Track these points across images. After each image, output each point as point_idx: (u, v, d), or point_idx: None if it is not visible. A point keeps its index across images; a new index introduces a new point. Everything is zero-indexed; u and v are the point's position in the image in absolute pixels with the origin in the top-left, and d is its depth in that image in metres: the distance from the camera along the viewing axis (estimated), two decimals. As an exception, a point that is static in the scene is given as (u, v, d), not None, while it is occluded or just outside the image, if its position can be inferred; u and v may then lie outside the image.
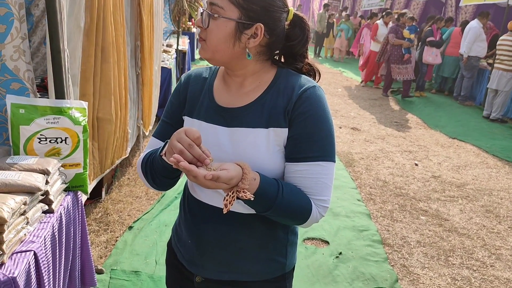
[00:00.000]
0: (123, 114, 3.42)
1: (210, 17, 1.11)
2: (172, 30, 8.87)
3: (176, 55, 7.25)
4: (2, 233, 1.42)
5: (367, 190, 4.52)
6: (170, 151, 1.02)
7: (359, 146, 6.02)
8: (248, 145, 1.14)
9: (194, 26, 11.36)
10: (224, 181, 0.95)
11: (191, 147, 0.97)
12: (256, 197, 1.02)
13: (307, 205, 1.12)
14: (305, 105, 1.13)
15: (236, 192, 0.99)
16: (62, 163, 1.98)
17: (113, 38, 3.02)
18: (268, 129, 1.14)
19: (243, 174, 1.00)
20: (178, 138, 0.99)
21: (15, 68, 1.96)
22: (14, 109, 1.90)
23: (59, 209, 1.86)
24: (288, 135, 1.14)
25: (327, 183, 1.14)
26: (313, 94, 1.15)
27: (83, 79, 2.62)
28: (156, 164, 1.15)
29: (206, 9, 1.12)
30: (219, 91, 1.24)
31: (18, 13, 1.91)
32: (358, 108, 8.53)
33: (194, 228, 1.27)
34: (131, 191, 3.89)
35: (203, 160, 0.97)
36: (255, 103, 1.18)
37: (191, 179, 0.95)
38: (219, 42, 1.12)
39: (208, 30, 1.12)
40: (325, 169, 1.14)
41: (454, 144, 6.49)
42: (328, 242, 3.37)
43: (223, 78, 1.26)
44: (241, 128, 1.16)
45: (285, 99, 1.15)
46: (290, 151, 1.15)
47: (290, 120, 1.14)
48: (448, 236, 3.64)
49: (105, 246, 3.04)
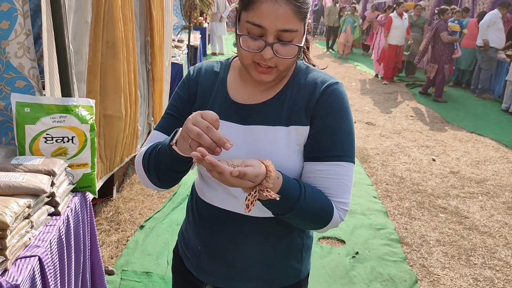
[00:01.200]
0: (133, 111, 3.36)
1: (287, 46, 1.01)
2: (183, 25, 8.81)
3: (187, 50, 7.18)
4: (5, 238, 1.35)
5: (383, 186, 4.41)
6: (185, 138, 0.90)
7: (374, 141, 5.89)
8: (266, 143, 1.06)
9: (206, 21, 11.30)
10: (250, 178, 0.86)
11: (210, 130, 0.86)
12: (279, 196, 0.93)
13: (329, 208, 1.04)
14: (328, 102, 1.06)
15: (259, 191, 0.90)
16: (69, 163, 1.91)
17: (122, 34, 2.95)
18: (289, 127, 1.07)
19: (267, 171, 0.91)
20: (194, 121, 0.88)
21: (20, 65, 1.90)
22: (19, 108, 1.84)
23: (66, 211, 1.80)
24: (309, 133, 1.07)
25: (347, 185, 1.07)
26: (337, 90, 1.08)
27: (90, 76, 2.56)
28: (163, 156, 1.02)
29: (266, 37, 0.99)
30: (234, 87, 1.15)
31: (21, 8, 1.85)
32: (373, 102, 8.38)
33: (203, 233, 1.19)
34: (142, 189, 3.84)
35: (223, 144, 0.85)
36: (274, 99, 1.10)
37: (215, 175, 0.85)
38: (292, 64, 1.06)
39: (282, 59, 1.02)
40: (346, 170, 1.06)
41: (473, 138, 6.32)
42: (344, 241, 3.28)
43: (240, 73, 1.17)
44: (258, 125, 1.08)
45: (307, 95, 1.08)
46: (311, 150, 1.07)
47: (312, 117, 1.07)
48: (468, 235, 3.52)
49: (116, 246, 2.99)
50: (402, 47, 9.93)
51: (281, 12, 0.96)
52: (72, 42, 2.30)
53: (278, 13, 0.96)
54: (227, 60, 1.24)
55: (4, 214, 1.35)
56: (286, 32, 0.98)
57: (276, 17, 0.96)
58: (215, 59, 11.61)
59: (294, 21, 0.98)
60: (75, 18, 2.29)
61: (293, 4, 0.97)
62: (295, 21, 0.98)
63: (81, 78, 2.41)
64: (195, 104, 1.18)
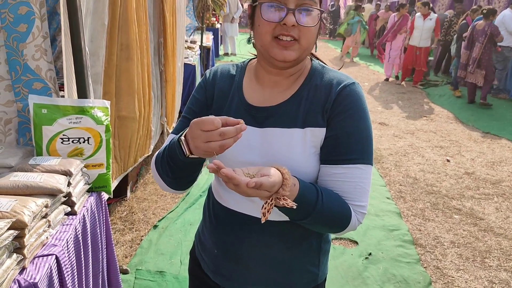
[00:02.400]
0: (146, 112, 3.39)
1: (308, 13, 1.01)
2: (196, 26, 8.84)
3: (200, 51, 7.21)
4: (23, 237, 1.38)
5: (396, 187, 4.38)
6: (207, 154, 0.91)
7: (387, 142, 5.86)
8: (282, 146, 1.06)
9: (218, 22, 11.33)
10: (266, 188, 0.86)
11: (224, 134, 0.86)
12: (296, 204, 0.93)
13: (347, 212, 1.04)
14: (345, 103, 1.05)
15: (276, 199, 0.89)
16: (85, 164, 1.94)
17: (136, 36, 2.98)
18: (305, 129, 1.06)
19: (284, 179, 0.90)
20: (204, 138, 0.88)
21: (37, 67, 1.93)
22: (36, 109, 1.87)
23: (82, 211, 1.83)
24: (325, 135, 1.06)
25: (365, 188, 1.06)
26: (354, 91, 1.06)
27: (105, 78, 2.59)
28: (177, 164, 1.02)
29: (287, 4, 1.00)
30: (250, 89, 1.15)
31: (39, 12, 1.88)
32: (386, 102, 8.32)
33: (220, 236, 1.19)
34: (156, 189, 3.87)
35: (240, 130, 0.87)
36: (290, 101, 1.09)
37: (231, 187, 0.85)
38: (313, 39, 1.05)
39: (304, 28, 1.01)
40: (364, 172, 1.05)
41: (488, 139, 6.24)
42: (357, 242, 3.27)
43: (256, 75, 1.16)
44: (274, 128, 1.07)
45: (323, 96, 1.07)
46: (328, 153, 1.06)
47: (328, 118, 1.05)
48: (483, 236, 3.47)
49: (130, 245, 3.02)
50: (423, 49, 9.36)
51: None
52: (89, 45, 2.34)
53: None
54: (243, 62, 1.24)
55: (23, 214, 1.38)
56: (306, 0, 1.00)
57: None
58: (227, 59, 11.65)
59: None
60: (93, 21, 2.32)
61: None
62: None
63: (98, 80, 2.44)
64: (212, 107, 1.18)
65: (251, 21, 1.09)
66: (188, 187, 1.18)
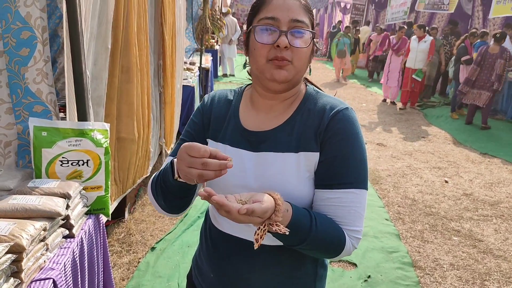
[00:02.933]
0: (145, 133, 3.41)
1: (300, 35, 1.05)
2: (195, 48, 8.96)
3: (199, 72, 7.29)
4: (21, 261, 1.38)
5: (395, 209, 4.37)
6: (188, 178, 0.92)
7: (385, 163, 5.87)
8: (276, 170, 1.07)
9: (218, 43, 11.46)
10: (258, 215, 0.87)
11: (207, 165, 0.87)
12: (289, 230, 0.94)
13: (341, 237, 1.04)
14: (338, 127, 1.06)
15: (269, 225, 0.90)
16: (84, 186, 1.95)
17: (137, 59, 3.02)
18: (299, 153, 1.07)
19: (276, 205, 0.91)
20: (187, 163, 0.89)
21: (38, 90, 1.95)
22: (36, 132, 1.89)
23: (80, 234, 1.82)
24: (319, 159, 1.07)
25: (360, 212, 1.06)
26: (346, 116, 1.08)
27: (107, 100, 2.61)
28: (169, 187, 1.04)
29: (280, 27, 1.04)
30: (246, 114, 1.17)
31: (41, 36, 1.92)
32: (384, 123, 8.37)
33: (216, 261, 1.19)
34: (153, 211, 3.86)
35: (225, 167, 0.87)
36: (284, 125, 1.11)
37: (223, 214, 0.86)
38: (305, 60, 1.08)
39: (297, 49, 1.05)
40: (358, 197, 1.06)
41: (485, 159, 6.26)
42: (355, 265, 3.25)
43: (251, 100, 1.19)
44: (268, 152, 1.09)
45: (316, 121, 1.09)
46: (322, 177, 1.07)
47: (322, 143, 1.07)
48: (483, 258, 3.46)
49: (128, 267, 2.99)
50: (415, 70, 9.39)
51: (291, 3, 1.06)
52: (93, 68, 2.37)
53: (289, 5, 1.05)
54: (240, 88, 1.27)
55: (21, 237, 1.38)
56: (298, 22, 1.04)
57: (288, 8, 1.05)
58: (226, 80, 11.75)
59: (304, 15, 1.06)
60: (96, 45, 2.36)
61: (300, 1, 1.07)
62: (305, 15, 1.07)
63: (100, 102, 2.47)
64: (209, 130, 1.20)
65: (246, 46, 1.13)
66: (181, 212, 1.18)
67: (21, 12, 1.87)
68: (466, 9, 12.89)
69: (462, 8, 12.81)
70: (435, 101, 10.58)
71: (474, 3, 12.15)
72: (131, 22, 2.84)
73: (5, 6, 1.85)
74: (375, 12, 19.58)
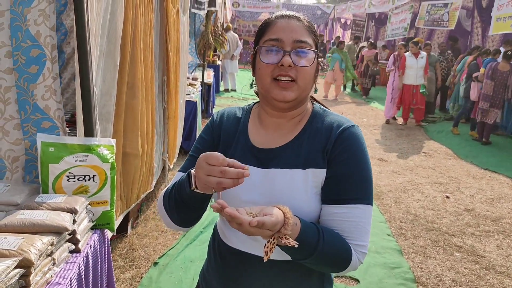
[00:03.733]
0: (149, 149, 3.44)
1: (304, 55, 1.10)
2: (197, 64, 9.05)
3: (201, 87, 7.35)
4: (29, 275, 1.40)
5: (397, 224, 4.37)
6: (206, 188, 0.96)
7: (387, 178, 5.88)
8: (284, 186, 1.10)
9: (220, 59, 11.58)
10: (268, 227, 0.90)
11: (225, 173, 0.91)
12: (298, 243, 0.96)
13: (348, 252, 1.06)
14: (345, 145, 1.10)
15: (278, 238, 0.93)
16: (90, 201, 1.97)
17: (142, 75, 3.07)
18: (306, 170, 1.10)
19: (285, 219, 0.94)
20: (206, 171, 0.93)
21: (46, 107, 1.99)
22: (44, 147, 1.92)
23: (85, 248, 1.84)
24: (326, 176, 1.10)
25: (365, 228, 1.09)
26: (353, 133, 1.12)
27: (115, 116, 2.65)
28: (185, 198, 1.07)
29: (284, 47, 1.09)
30: (255, 132, 1.21)
31: (50, 54, 1.96)
32: (385, 138, 8.40)
33: (226, 276, 1.21)
34: (156, 225, 3.87)
35: (242, 176, 0.92)
36: (292, 143, 1.15)
37: (234, 226, 0.89)
38: (310, 80, 1.13)
39: (301, 68, 1.09)
40: (364, 212, 1.09)
41: (487, 175, 6.27)
42: (358, 280, 3.24)
43: (259, 118, 1.23)
44: (277, 169, 1.12)
45: (323, 139, 1.12)
46: (329, 193, 1.10)
47: (329, 160, 1.10)
48: (485, 275, 3.45)
49: (130, 283, 2.99)
50: (419, 86, 9.37)
51: (294, 25, 1.11)
52: (102, 85, 2.41)
53: (292, 27, 1.11)
54: (248, 105, 1.31)
55: (29, 252, 1.40)
56: (301, 43, 1.10)
57: (291, 29, 1.10)
58: (227, 95, 11.83)
59: (307, 35, 1.11)
60: (106, 62, 2.40)
61: (303, 23, 1.13)
62: (308, 35, 1.12)
63: (109, 118, 2.50)
64: (219, 147, 1.23)
65: (253, 67, 1.18)
66: (191, 225, 1.21)
67: (31, 30, 1.92)
68: (465, 25, 13.04)
69: (462, 24, 12.96)
70: (435, 117, 10.62)
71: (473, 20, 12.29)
72: (138, 39, 2.90)
73: (16, 25, 1.90)
74: (375, 28, 19.78)
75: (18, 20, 1.90)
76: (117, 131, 2.71)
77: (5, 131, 1.99)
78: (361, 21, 20.85)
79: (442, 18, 12.45)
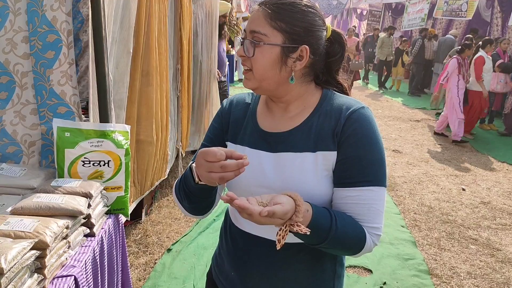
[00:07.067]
0: (164, 136, 3.45)
1: (254, 45, 1.08)
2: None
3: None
4: (44, 257, 1.41)
5: (411, 215, 4.33)
6: (210, 182, 0.99)
7: (401, 169, 5.82)
8: (294, 170, 1.09)
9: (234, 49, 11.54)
10: (279, 216, 0.89)
11: (225, 167, 0.92)
12: (310, 230, 0.95)
13: (361, 234, 1.05)
14: (354, 127, 1.07)
15: (290, 226, 0.92)
16: (104, 186, 1.99)
17: (157, 62, 3.07)
18: (316, 153, 1.09)
19: (296, 206, 0.93)
20: (207, 168, 0.95)
21: (62, 92, 2.00)
22: (60, 132, 1.93)
23: (100, 233, 1.86)
24: (337, 159, 1.08)
25: (379, 209, 1.08)
26: (362, 115, 1.09)
27: (128, 103, 2.66)
28: (192, 191, 1.10)
29: (246, 37, 1.09)
30: (263, 116, 1.20)
31: (66, 40, 1.97)
32: (400, 129, 8.31)
33: (237, 259, 1.21)
34: (170, 213, 3.90)
35: (242, 166, 0.92)
36: (301, 126, 1.13)
37: (245, 216, 0.89)
38: (266, 69, 1.08)
39: (253, 59, 1.08)
40: (377, 194, 1.07)
41: (504, 168, 6.17)
42: (371, 271, 3.23)
43: (266, 104, 1.22)
44: (287, 153, 1.11)
45: (333, 121, 1.10)
46: (340, 176, 1.08)
47: (339, 142, 1.08)
48: (501, 268, 3.41)
49: (144, 268, 3.03)
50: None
51: (256, 15, 1.09)
52: (115, 71, 2.42)
53: (254, 16, 1.10)
54: None
55: (45, 234, 1.41)
56: (254, 33, 1.08)
57: (252, 19, 1.10)
58: (241, 85, 11.80)
59: (264, 25, 1.07)
60: (118, 49, 2.41)
61: (267, 10, 1.07)
62: (265, 25, 1.07)
63: (122, 105, 2.52)
64: (228, 133, 1.24)
65: None
66: (206, 212, 1.23)
67: (47, 16, 1.92)
68: (484, 16, 12.75)
69: (481, 15, 12.68)
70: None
71: (493, 10, 12.00)
72: (152, 26, 2.89)
73: (33, 10, 1.91)
74: (391, 19, 19.48)
75: (35, 5, 1.91)
76: (130, 118, 2.72)
77: (22, 116, 2.01)
78: (377, 11, 20.55)
79: (461, 8, 12.19)
